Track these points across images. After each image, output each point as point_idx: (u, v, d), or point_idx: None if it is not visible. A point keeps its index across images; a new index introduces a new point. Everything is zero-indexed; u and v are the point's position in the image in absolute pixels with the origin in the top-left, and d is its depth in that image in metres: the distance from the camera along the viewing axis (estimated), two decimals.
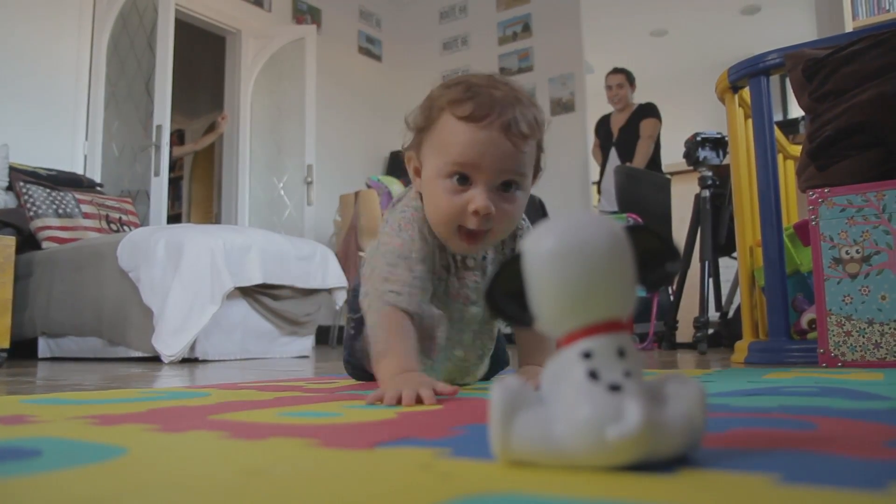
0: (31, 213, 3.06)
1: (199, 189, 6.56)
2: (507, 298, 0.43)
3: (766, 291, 1.86)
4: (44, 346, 2.83)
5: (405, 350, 0.88)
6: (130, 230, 3.02)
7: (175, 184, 5.92)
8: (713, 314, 3.06)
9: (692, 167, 3.16)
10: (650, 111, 4.04)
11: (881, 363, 1.48)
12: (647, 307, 3.15)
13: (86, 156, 3.70)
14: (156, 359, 2.46)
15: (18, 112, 3.41)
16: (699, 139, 3.05)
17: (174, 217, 5.90)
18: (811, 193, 1.61)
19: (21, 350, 2.79)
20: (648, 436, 0.36)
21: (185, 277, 2.48)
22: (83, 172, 3.63)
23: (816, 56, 1.69)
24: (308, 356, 2.97)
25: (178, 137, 5.98)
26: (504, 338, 1.23)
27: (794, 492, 0.32)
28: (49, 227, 3.06)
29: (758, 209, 1.93)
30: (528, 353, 1.05)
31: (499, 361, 1.19)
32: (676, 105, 5.41)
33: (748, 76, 1.95)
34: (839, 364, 1.52)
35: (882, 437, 0.49)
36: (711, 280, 3.06)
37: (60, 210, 3.12)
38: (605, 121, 4.26)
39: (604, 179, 4.15)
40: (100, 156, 3.73)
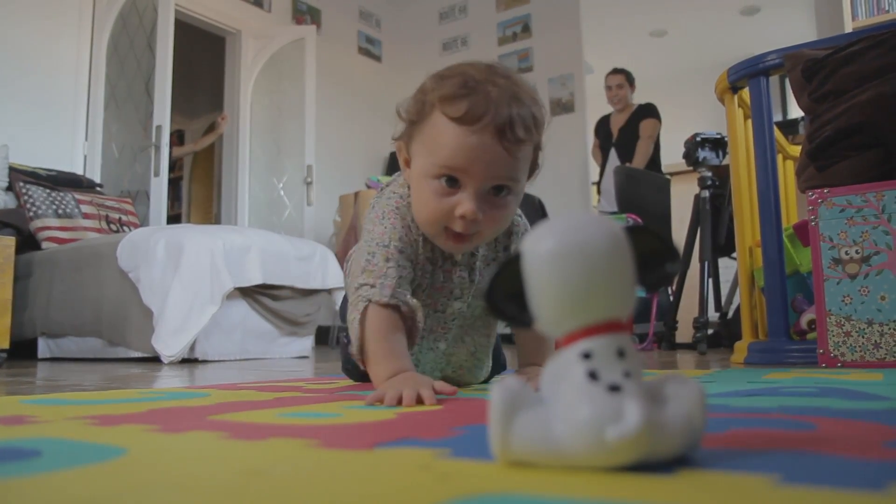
0: (31, 214, 3.06)
1: (199, 189, 6.56)
2: (507, 299, 0.43)
3: (766, 292, 1.86)
4: (43, 347, 2.83)
5: (395, 350, 0.87)
6: (130, 230, 3.02)
7: (175, 184, 5.92)
8: (713, 314, 3.06)
9: (692, 167, 3.16)
10: (650, 111, 4.04)
11: (880, 363, 1.48)
12: (647, 308, 3.15)
13: (85, 156, 3.70)
14: (155, 359, 2.46)
15: (18, 112, 3.41)
16: (699, 139, 3.05)
17: (174, 217, 5.90)
18: (811, 194, 1.61)
19: (21, 350, 2.79)
20: (648, 436, 0.36)
21: (185, 278, 2.48)
22: (83, 173, 3.63)
23: (816, 56, 1.69)
24: (308, 356, 2.97)
25: (178, 138, 5.99)
26: (501, 338, 1.22)
27: (794, 492, 0.33)
28: (49, 228, 3.06)
29: (757, 209, 1.93)
30: (529, 354, 1.04)
31: (497, 363, 1.19)
32: (676, 105, 5.42)
33: (748, 76, 1.95)
34: (839, 364, 1.52)
35: (881, 438, 0.49)
36: (711, 280, 3.06)
37: (60, 210, 3.12)
38: (605, 121, 4.26)
39: (603, 180, 4.15)
40: (99, 156, 3.73)
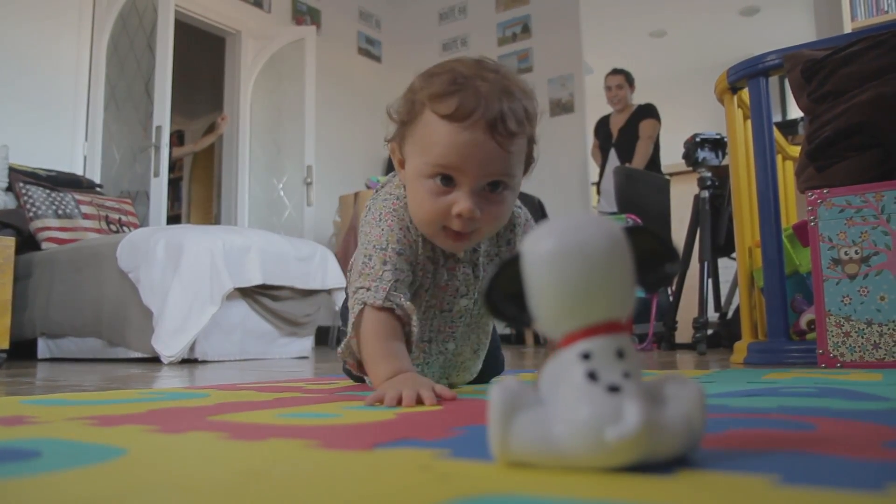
0: (31, 214, 3.06)
1: (199, 190, 6.56)
2: (506, 299, 0.43)
3: (765, 292, 1.86)
4: (43, 347, 2.83)
5: (394, 351, 0.87)
6: (130, 231, 3.02)
7: (175, 184, 5.92)
8: (712, 315, 3.06)
9: (691, 168, 3.16)
10: (649, 112, 4.05)
11: (880, 364, 1.48)
12: (647, 308, 3.15)
13: (85, 156, 3.70)
14: (155, 359, 2.46)
15: (18, 113, 3.41)
16: (698, 140, 3.05)
17: (174, 218, 5.90)
18: (810, 194, 1.61)
19: (20, 351, 2.79)
20: (647, 437, 0.36)
21: (185, 278, 2.48)
22: (83, 173, 3.63)
23: (815, 57, 1.69)
24: (307, 357, 2.97)
25: (178, 138, 5.99)
26: (500, 338, 1.22)
27: (793, 493, 0.33)
28: (49, 228, 3.06)
29: (757, 210, 1.93)
30: None
31: (496, 363, 1.18)
32: (676, 106, 5.42)
33: (747, 77, 1.95)
34: (838, 365, 1.52)
35: (881, 438, 0.49)
36: (710, 281, 3.06)
37: (60, 211, 3.12)
38: (605, 122, 4.26)
39: (603, 180, 4.15)
40: (99, 156, 3.73)
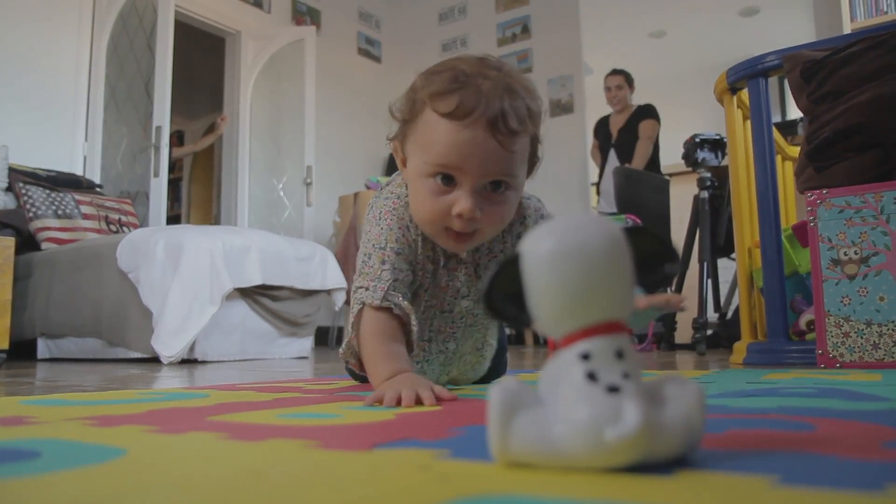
0: (31, 214, 3.06)
1: (199, 190, 6.56)
2: (506, 299, 0.43)
3: (765, 292, 1.87)
4: (43, 347, 2.82)
5: (393, 351, 0.87)
6: (130, 231, 3.02)
7: (174, 185, 5.92)
8: (712, 315, 3.06)
9: (691, 168, 3.16)
10: (649, 112, 4.05)
11: (879, 364, 1.48)
12: None
13: (85, 157, 3.70)
14: (155, 360, 2.46)
15: (18, 113, 3.41)
16: (698, 140, 3.05)
17: (173, 218, 5.91)
18: (809, 195, 1.62)
19: (20, 351, 2.79)
20: (647, 437, 0.36)
21: (185, 278, 2.48)
22: (82, 173, 3.63)
23: (815, 58, 1.70)
24: (307, 357, 2.97)
25: (178, 138, 5.99)
26: (506, 339, 1.21)
27: (793, 493, 0.33)
28: (48, 228, 3.06)
29: (756, 210, 1.93)
30: None
31: (500, 364, 1.18)
32: (675, 106, 5.42)
33: (747, 77, 1.95)
34: (837, 365, 1.52)
35: (880, 438, 0.49)
36: (710, 281, 3.06)
37: (60, 211, 3.12)
38: (604, 122, 4.27)
39: (603, 181, 4.15)
40: (99, 157, 3.73)
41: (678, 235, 3.28)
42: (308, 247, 3.08)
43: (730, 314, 3.16)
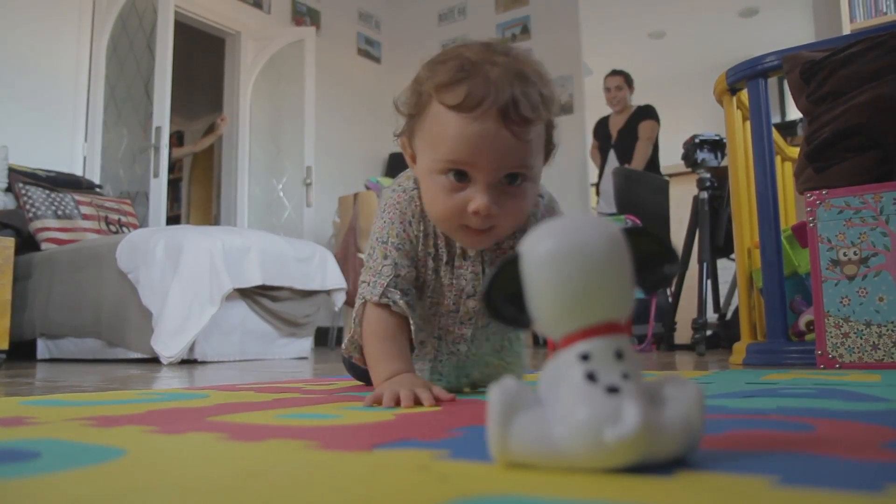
0: (31, 215, 3.06)
1: (199, 190, 6.56)
2: (505, 300, 0.43)
3: (764, 293, 1.87)
4: (42, 348, 2.82)
5: (393, 351, 0.87)
6: (129, 231, 3.02)
7: (174, 185, 5.92)
8: (711, 316, 3.06)
9: (690, 169, 3.16)
10: (649, 113, 4.05)
11: (879, 364, 1.48)
12: (646, 309, 3.15)
13: (85, 157, 3.70)
14: (155, 360, 2.46)
15: (18, 113, 3.41)
16: (697, 141, 3.06)
17: (173, 218, 5.90)
18: (809, 195, 1.62)
19: (20, 351, 2.79)
20: (646, 438, 0.36)
21: (184, 279, 2.48)
22: (82, 174, 3.63)
23: (814, 58, 1.70)
24: (307, 357, 2.97)
25: (178, 139, 5.99)
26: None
27: (792, 494, 0.33)
28: (48, 229, 3.05)
29: (756, 211, 1.93)
30: None
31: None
32: (675, 107, 5.43)
33: (746, 78, 1.95)
34: (837, 365, 1.52)
35: (879, 439, 0.49)
36: (710, 282, 3.06)
37: (59, 211, 3.12)
38: (604, 123, 4.27)
39: (602, 181, 4.15)
40: (99, 157, 3.73)
41: (678, 236, 3.28)
42: (308, 247, 3.08)
43: (729, 315, 3.16)
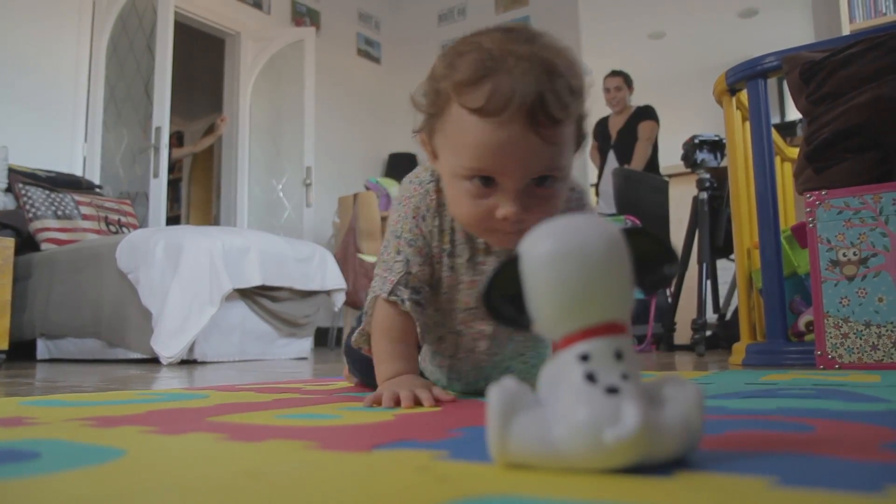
0: (30, 215, 3.06)
1: (198, 191, 6.56)
2: (505, 300, 0.43)
3: (764, 293, 1.87)
4: (42, 348, 2.82)
5: (398, 351, 0.86)
6: (129, 232, 3.02)
7: (174, 185, 5.92)
8: (711, 316, 3.06)
9: (690, 169, 3.16)
10: (648, 114, 4.05)
11: (878, 365, 1.48)
12: (645, 309, 3.15)
13: (85, 157, 3.70)
14: (154, 360, 2.46)
15: (18, 113, 3.41)
16: (697, 141, 3.06)
17: (173, 219, 5.90)
18: (808, 196, 1.62)
19: (20, 351, 2.79)
20: (646, 438, 0.36)
21: (184, 279, 2.48)
22: (82, 174, 3.63)
23: (813, 59, 1.70)
24: (306, 358, 2.97)
25: (178, 139, 5.99)
26: None
27: (792, 494, 0.33)
28: (48, 229, 3.05)
29: (755, 211, 1.93)
30: None
31: None
32: (674, 107, 5.42)
33: (746, 79, 1.95)
34: (836, 366, 1.52)
35: (879, 440, 0.49)
36: (709, 282, 3.06)
37: (59, 212, 3.12)
38: (603, 123, 4.27)
39: (602, 182, 4.15)
40: (99, 157, 3.73)
41: (677, 236, 3.28)
42: (307, 247, 3.08)
43: (729, 315, 3.16)
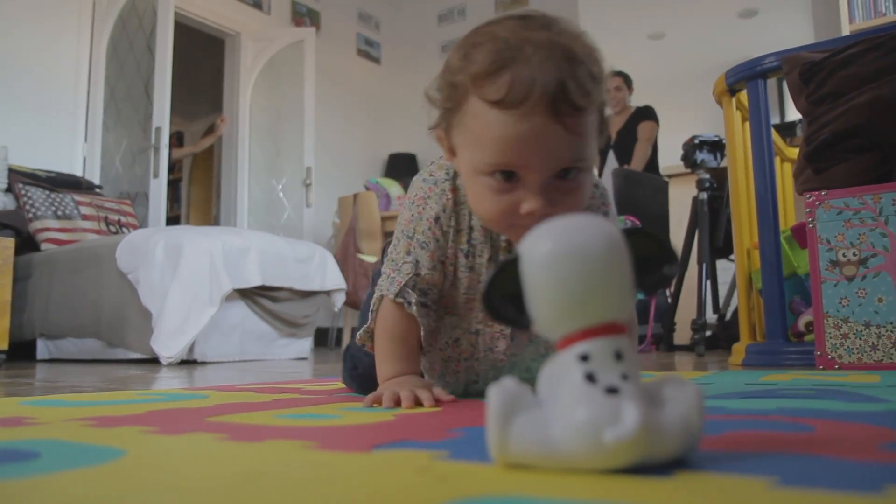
0: (30, 215, 3.06)
1: (198, 191, 6.56)
2: (505, 301, 0.43)
3: (764, 294, 1.87)
4: (42, 348, 2.82)
5: (400, 352, 0.86)
6: (129, 232, 3.02)
7: (174, 186, 5.92)
8: (711, 316, 3.06)
9: (690, 170, 3.16)
10: (648, 114, 4.05)
11: (878, 365, 1.48)
12: (645, 309, 3.15)
13: (85, 158, 3.70)
14: (154, 360, 2.46)
15: (18, 114, 3.41)
16: (697, 142, 3.06)
17: (173, 219, 5.90)
18: (808, 196, 1.62)
19: (20, 352, 2.79)
20: (645, 438, 0.36)
21: (184, 279, 2.48)
22: (82, 174, 3.63)
23: (813, 59, 1.70)
24: (306, 358, 2.97)
25: (178, 139, 5.99)
26: None
27: (791, 494, 0.33)
28: (48, 229, 3.05)
29: (755, 212, 1.93)
30: None
31: None
32: (674, 108, 5.41)
33: (746, 79, 1.95)
34: (836, 366, 1.52)
35: (878, 440, 0.49)
36: (709, 282, 3.06)
37: (59, 212, 3.12)
38: None
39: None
40: (99, 158, 3.73)
41: (677, 237, 3.28)
42: (307, 248, 3.08)
43: (728, 315, 3.16)
